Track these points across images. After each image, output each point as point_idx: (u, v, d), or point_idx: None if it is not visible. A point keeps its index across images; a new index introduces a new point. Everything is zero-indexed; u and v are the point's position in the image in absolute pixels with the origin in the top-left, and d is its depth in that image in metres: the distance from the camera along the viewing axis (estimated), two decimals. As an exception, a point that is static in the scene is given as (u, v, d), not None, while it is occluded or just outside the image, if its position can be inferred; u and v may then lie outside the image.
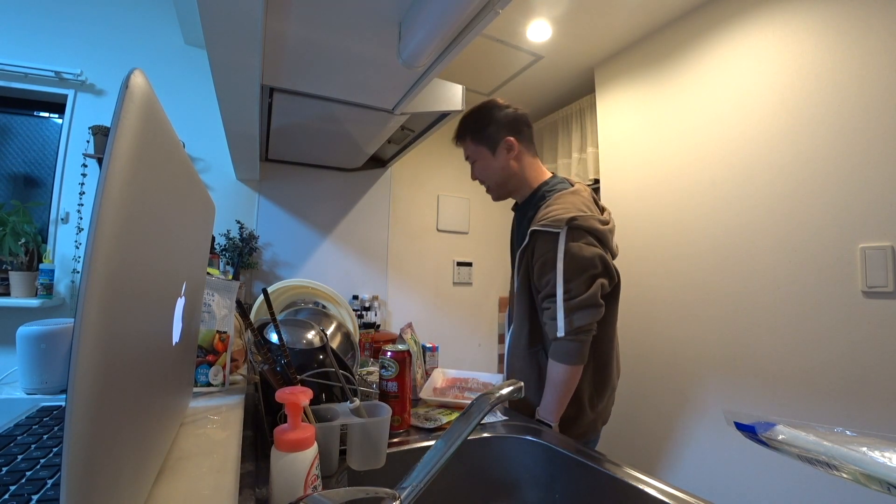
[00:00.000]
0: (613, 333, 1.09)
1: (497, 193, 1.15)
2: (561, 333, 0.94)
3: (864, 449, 0.43)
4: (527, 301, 1.04)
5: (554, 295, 0.95)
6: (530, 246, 1.00)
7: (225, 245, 2.08)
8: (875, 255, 1.22)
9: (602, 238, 1.00)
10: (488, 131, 1.07)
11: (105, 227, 0.22)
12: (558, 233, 0.96)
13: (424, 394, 0.97)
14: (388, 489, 0.39)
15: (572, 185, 1.07)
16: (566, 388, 0.96)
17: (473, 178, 1.17)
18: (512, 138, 1.07)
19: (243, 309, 0.66)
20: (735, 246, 1.59)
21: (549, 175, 1.12)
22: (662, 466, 1.75)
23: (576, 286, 0.94)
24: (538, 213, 1.01)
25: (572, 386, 0.96)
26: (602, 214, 1.06)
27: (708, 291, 1.67)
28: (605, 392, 1.06)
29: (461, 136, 1.14)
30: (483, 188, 1.18)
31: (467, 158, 1.16)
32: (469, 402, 0.62)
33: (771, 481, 1.40)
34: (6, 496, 0.36)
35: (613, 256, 1.05)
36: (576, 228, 0.96)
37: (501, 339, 3.03)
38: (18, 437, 0.49)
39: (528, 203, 1.09)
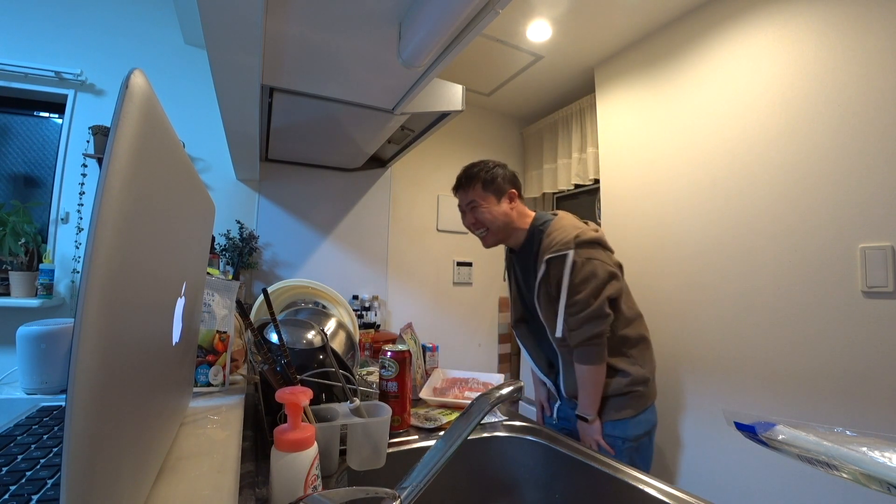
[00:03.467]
0: (633, 311, 1.24)
1: (495, 238, 1.24)
2: (559, 335, 1.13)
3: (864, 449, 0.43)
4: (554, 315, 1.16)
5: (566, 307, 1.11)
6: (546, 273, 1.14)
7: (225, 245, 2.08)
8: (875, 255, 1.22)
9: (603, 242, 1.19)
10: (497, 182, 1.21)
11: (105, 227, 0.22)
12: (566, 254, 1.11)
13: (424, 394, 0.97)
14: (388, 489, 0.39)
15: (555, 215, 1.23)
16: (594, 385, 1.13)
17: (470, 222, 1.24)
18: (514, 191, 1.22)
19: (243, 309, 0.66)
20: (735, 246, 1.59)
21: (532, 214, 1.25)
22: (662, 466, 1.75)
23: (581, 299, 1.10)
24: (542, 246, 1.16)
25: (599, 382, 1.13)
26: (590, 225, 1.24)
27: (708, 291, 1.67)
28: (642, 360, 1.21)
29: (470, 182, 1.22)
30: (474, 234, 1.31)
31: (469, 204, 1.23)
32: (469, 401, 0.62)
33: (771, 481, 1.40)
34: (6, 496, 0.36)
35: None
36: (581, 245, 1.12)
37: (502, 339, 3.03)
38: (18, 437, 0.48)
39: (529, 243, 1.22)
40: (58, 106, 1.94)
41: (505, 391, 0.49)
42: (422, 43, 0.96)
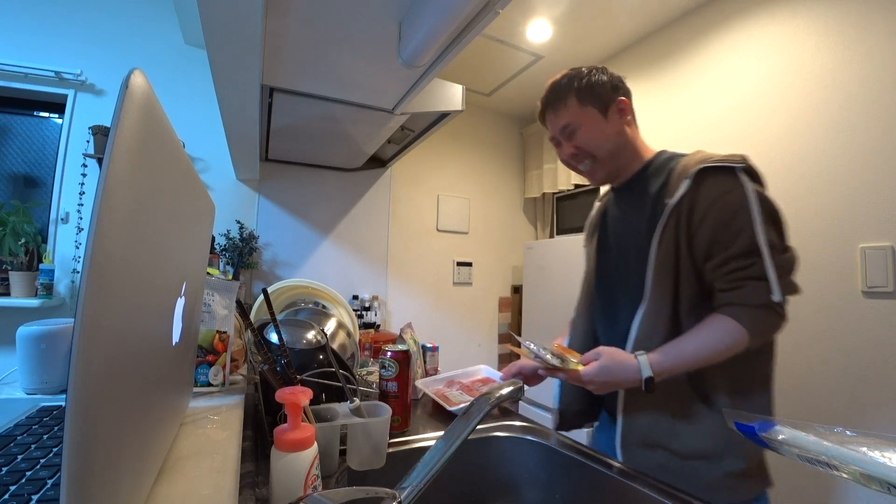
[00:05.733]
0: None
1: (605, 170, 0.86)
2: (777, 297, 0.70)
3: (864, 449, 0.43)
4: (672, 272, 0.76)
5: (755, 251, 0.71)
6: (690, 193, 0.74)
7: (225, 245, 2.08)
8: (875, 255, 1.22)
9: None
10: (598, 90, 0.83)
11: (105, 228, 0.22)
12: (734, 168, 0.73)
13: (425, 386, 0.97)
14: (388, 489, 0.39)
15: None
16: (716, 358, 0.71)
17: (568, 154, 0.87)
18: (625, 100, 0.84)
19: (243, 309, 0.66)
20: (735, 246, 1.59)
21: (651, 149, 0.89)
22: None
23: (778, 241, 0.73)
24: (680, 164, 0.78)
25: (717, 360, 0.71)
26: None
27: (708, 291, 1.67)
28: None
29: (559, 99, 0.85)
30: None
31: (563, 130, 0.85)
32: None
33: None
34: (6, 496, 0.36)
35: None
36: (750, 172, 0.75)
37: (502, 339, 3.03)
38: (18, 437, 0.49)
39: (646, 174, 0.85)
40: (58, 106, 1.94)
41: (505, 391, 0.49)
42: (422, 43, 0.97)
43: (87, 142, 1.88)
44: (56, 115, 1.97)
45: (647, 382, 0.71)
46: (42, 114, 1.97)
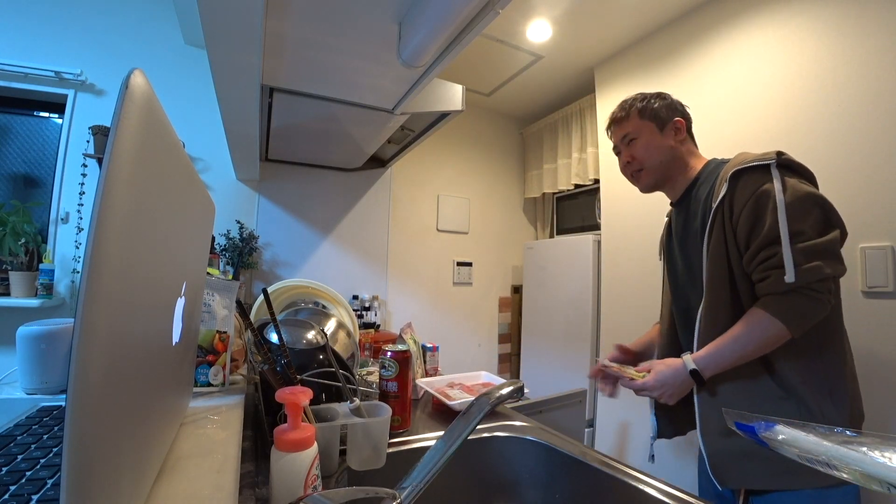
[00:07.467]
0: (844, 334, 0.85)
1: (654, 177, 0.99)
2: (791, 278, 0.74)
3: (864, 449, 0.43)
4: (724, 267, 0.84)
5: (777, 240, 0.76)
6: (728, 194, 0.83)
7: (225, 245, 2.08)
8: (875, 255, 1.22)
9: (816, 186, 0.83)
10: (657, 109, 0.97)
11: (105, 227, 0.22)
12: (768, 165, 0.80)
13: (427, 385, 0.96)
14: (388, 489, 0.39)
15: None
16: (755, 349, 0.77)
17: (625, 161, 1.01)
18: (681, 120, 0.98)
19: (243, 309, 0.66)
20: (735, 246, 1.59)
21: (706, 159, 1.00)
22: (661, 466, 1.75)
23: (808, 228, 0.76)
24: (722, 171, 0.88)
25: (761, 352, 0.78)
26: None
27: (708, 291, 1.67)
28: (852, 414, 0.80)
29: (624, 114, 1.00)
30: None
31: (623, 139, 1.00)
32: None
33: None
34: (6, 496, 0.36)
35: None
36: (787, 165, 0.81)
37: (502, 339, 3.03)
38: (18, 437, 0.49)
39: (694, 186, 0.96)
40: (58, 106, 1.94)
41: (505, 391, 0.49)
42: (422, 43, 0.97)
43: (87, 142, 1.88)
44: (56, 115, 1.97)
45: (693, 375, 0.81)
46: (42, 114, 1.97)
